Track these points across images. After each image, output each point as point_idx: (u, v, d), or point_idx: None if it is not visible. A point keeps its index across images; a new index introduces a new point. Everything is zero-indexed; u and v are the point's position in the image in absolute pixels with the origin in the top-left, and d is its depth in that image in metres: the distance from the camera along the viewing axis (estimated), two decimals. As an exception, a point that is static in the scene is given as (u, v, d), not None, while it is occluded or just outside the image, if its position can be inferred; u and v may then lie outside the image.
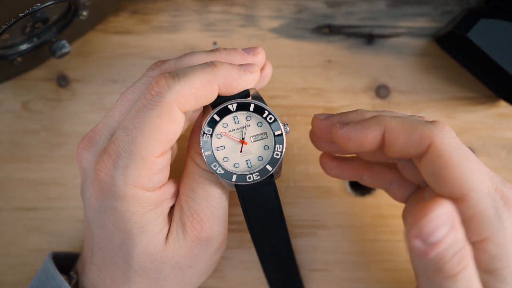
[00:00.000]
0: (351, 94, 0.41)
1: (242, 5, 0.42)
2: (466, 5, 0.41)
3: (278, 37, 0.42)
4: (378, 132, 0.30)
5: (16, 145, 0.41)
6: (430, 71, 0.42)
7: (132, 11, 0.42)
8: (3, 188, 0.41)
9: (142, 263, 0.31)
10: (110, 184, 0.30)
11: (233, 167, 0.31)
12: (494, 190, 0.28)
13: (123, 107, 0.32)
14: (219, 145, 0.31)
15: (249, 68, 0.31)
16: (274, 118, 0.31)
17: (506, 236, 0.28)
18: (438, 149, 0.28)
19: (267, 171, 0.31)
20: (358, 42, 0.42)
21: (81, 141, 0.32)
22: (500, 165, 0.41)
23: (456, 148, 0.28)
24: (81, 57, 0.42)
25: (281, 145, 0.31)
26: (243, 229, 0.41)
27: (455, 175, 0.28)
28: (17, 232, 0.41)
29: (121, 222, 0.30)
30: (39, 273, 0.34)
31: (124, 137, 0.29)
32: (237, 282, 0.41)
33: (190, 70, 0.30)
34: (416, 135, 0.29)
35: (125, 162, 0.29)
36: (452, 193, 0.28)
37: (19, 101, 0.42)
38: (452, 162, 0.28)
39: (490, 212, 0.28)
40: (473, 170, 0.28)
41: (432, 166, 0.29)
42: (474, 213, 0.28)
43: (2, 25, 0.32)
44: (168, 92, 0.29)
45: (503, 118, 0.41)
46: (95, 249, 0.32)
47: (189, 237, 0.32)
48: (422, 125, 0.29)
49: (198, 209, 0.32)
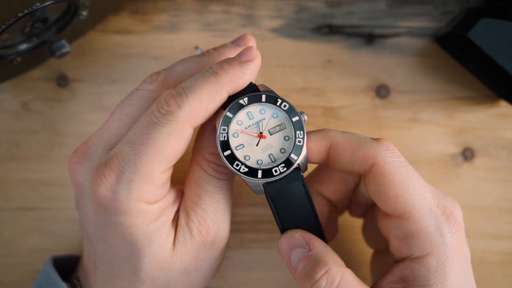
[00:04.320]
0: (351, 94, 0.41)
1: (242, 5, 0.42)
2: (467, 5, 0.41)
3: (278, 37, 0.42)
4: (323, 146, 0.31)
5: (16, 145, 0.41)
6: (430, 71, 0.41)
7: (132, 11, 0.42)
8: (3, 188, 0.41)
9: (151, 272, 0.31)
10: (111, 199, 0.29)
11: (256, 164, 0.30)
12: (436, 206, 0.29)
13: (121, 121, 0.31)
14: (237, 144, 0.30)
15: (248, 56, 0.30)
16: (289, 105, 0.30)
17: (447, 252, 0.29)
18: (381, 168, 0.29)
19: (293, 161, 0.30)
20: (358, 42, 0.42)
21: (73, 155, 0.32)
22: (501, 165, 0.41)
23: (399, 167, 0.29)
24: (81, 57, 0.42)
25: (301, 131, 0.30)
26: (243, 229, 0.41)
27: (397, 194, 0.29)
28: (17, 232, 0.41)
29: (126, 235, 0.30)
30: (39, 278, 0.34)
31: (129, 152, 0.29)
32: (237, 282, 0.41)
33: (195, 84, 0.29)
34: (361, 153, 0.30)
35: (129, 177, 0.29)
36: (394, 210, 0.29)
37: (19, 101, 0.42)
38: (394, 181, 0.29)
39: (432, 229, 0.29)
40: (414, 189, 0.29)
41: (375, 185, 0.30)
42: (416, 230, 0.29)
43: (1, 25, 0.32)
44: (179, 111, 0.28)
45: (504, 118, 0.41)
46: (98, 262, 0.32)
47: (196, 242, 0.32)
48: (367, 144, 0.30)
49: (204, 215, 0.31)
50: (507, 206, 0.41)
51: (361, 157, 0.30)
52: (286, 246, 0.31)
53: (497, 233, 0.41)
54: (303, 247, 0.31)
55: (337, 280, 0.29)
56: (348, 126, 0.41)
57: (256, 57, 0.30)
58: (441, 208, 0.29)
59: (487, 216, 0.41)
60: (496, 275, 0.41)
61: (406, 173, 0.29)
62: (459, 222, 0.30)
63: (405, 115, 0.41)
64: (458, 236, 0.29)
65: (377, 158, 0.29)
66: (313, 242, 0.31)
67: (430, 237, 0.29)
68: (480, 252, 0.41)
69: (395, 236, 0.30)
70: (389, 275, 0.31)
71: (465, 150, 0.41)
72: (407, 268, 0.30)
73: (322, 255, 0.30)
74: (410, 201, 0.29)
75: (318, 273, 0.29)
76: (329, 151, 0.31)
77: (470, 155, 0.41)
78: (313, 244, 0.30)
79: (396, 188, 0.29)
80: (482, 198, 0.41)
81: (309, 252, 0.30)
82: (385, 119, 0.41)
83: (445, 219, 0.29)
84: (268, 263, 0.40)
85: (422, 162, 0.41)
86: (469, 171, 0.41)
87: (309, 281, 0.29)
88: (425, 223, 0.29)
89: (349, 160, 0.30)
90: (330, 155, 0.31)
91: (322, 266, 0.29)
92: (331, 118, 0.41)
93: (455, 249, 0.29)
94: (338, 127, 0.41)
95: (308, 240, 0.31)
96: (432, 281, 0.29)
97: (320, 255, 0.30)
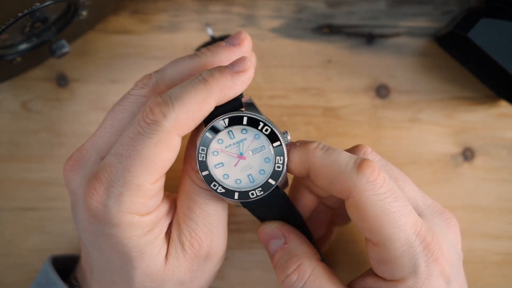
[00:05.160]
0: (351, 94, 0.41)
1: (242, 5, 0.42)
2: (467, 5, 0.41)
3: (278, 37, 0.42)
4: (302, 169, 0.30)
5: (16, 145, 0.41)
6: (430, 71, 0.41)
7: (132, 11, 0.42)
8: (3, 188, 0.41)
9: (143, 283, 0.31)
10: (103, 212, 0.29)
11: (234, 184, 0.30)
12: (415, 236, 0.29)
13: (112, 128, 0.31)
14: (217, 162, 0.30)
15: (241, 67, 0.29)
16: (271, 128, 0.29)
17: (418, 281, 0.29)
18: (356, 202, 0.29)
19: (270, 186, 0.30)
20: (358, 42, 0.42)
21: (67, 162, 0.31)
22: (501, 165, 0.41)
23: (376, 201, 0.28)
24: (80, 57, 0.42)
25: (282, 156, 0.29)
26: (243, 229, 0.41)
27: (371, 227, 0.29)
28: (17, 232, 0.41)
29: (119, 247, 0.30)
30: (39, 277, 0.34)
31: (118, 165, 0.28)
32: (237, 282, 0.41)
33: (183, 92, 0.28)
34: (337, 184, 0.29)
35: (118, 190, 0.28)
36: (370, 238, 0.29)
37: (19, 101, 0.42)
38: (368, 215, 0.29)
39: (404, 260, 0.29)
40: (389, 223, 0.28)
41: (350, 214, 0.30)
42: (389, 259, 0.29)
43: (1, 25, 0.32)
44: (165, 121, 0.27)
45: (504, 118, 0.41)
46: (94, 268, 0.32)
47: (188, 255, 0.31)
48: (345, 175, 0.29)
49: (195, 228, 0.31)
50: (507, 206, 0.41)
51: (337, 189, 0.29)
52: (264, 237, 0.32)
53: (497, 233, 0.41)
54: (279, 238, 0.32)
55: (307, 275, 0.30)
56: (348, 126, 0.41)
57: (249, 69, 0.29)
58: (421, 237, 0.29)
59: (487, 216, 0.41)
60: (496, 275, 0.41)
61: (382, 207, 0.28)
62: (439, 250, 0.29)
63: (405, 115, 0.41)
64: (437, 263, 0.29)
65: (353, 192, 0.28)
66: (289, 235, 0.32)
67: (401, 267, 0.29)
68: (480, 252, 0.41)
69: (371, 258, 0.30)
70: (362, 281, 0.31)
71: (465, 150, 0.41)
72: (377, 283, 0.30)
73: (296, 249, 0.31)
74: (384, 234, 0.28)
75: (291, 267, 0.30)
76: (309, 173, 0.30)
77: (470, 155, 0.41)
78: (289, 237, 0.32)
79: (370, 222, 0.29)
80: (482, 198, 0.41)
81: (285, 244, 0.31)
82: (385, 119, 0.41)
83: (423, 248, 0.29)
84: (268, 263, 0.40)
85: (422, 162, 0.41)
86: (469, 171, 0.41)
87: (283, 273, 0.31)
88: (398, 254, 0.29)
89: (326, 188, 0.30)
90: (310, 176, 0.30)
91: (295, 261, 0.30)
92: (331, 118, 0.41)
93: (431, 275, 0.29)
94: (338, 127, 0.41)
95: (285, 233, 0.32)
96: None
97: (294, 249, 0.31)
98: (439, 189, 0.40)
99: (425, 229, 0.29)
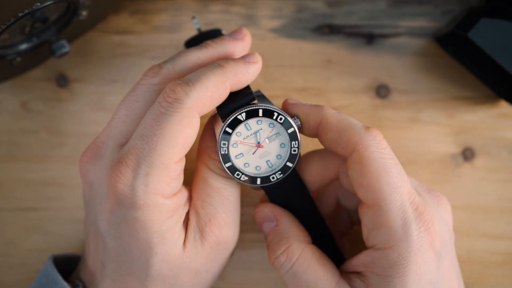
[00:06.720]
0: (351, 94, 0.41)
1: (242, 5, 0.42)
2: (467, 5, 0.41)
3: (278, 37, 0.42)
4: (313, 121, 0.31)
5: (16, 145, 0.41)
6: (430, 71, 0.41)
7: (132, 11, 0.42)
8: (3, 188, 0.41)
9: (161, 271, 0.31)
10: (129, 195, 0.30)
11: (255, 170, 0.32)
12: (410, 203, 0.30)
13: (128, 117, 0.32)
14: (237, 153, 0.32)
15: (252, 59, 0.32)
16: (284, 117, 0.31)
17: (409, 249, 0.29)
18: (360, 156, 0.30)
19: (288, 168, 0.32)
20: (358, 42, 0.42)
21: (83, 155, 0.32)
22: (501, 165, 0.41)
23: (379, 158, 0.30)
24: (80, 57, 0.42)
25: (296, 141, 0.32)
26: (243, 229, 0.41)
27: (369, 184, 0.30)
28: (16, 232, 0.41)
29: (141, 232, 0.30)
30: (39, 277, 0.34)
31: (143, 146, 0.29)
32: (237, 282, 0.41)
33: (202, 74, 0.30)
34: (345, 136, 0.30)
35: (145, 170, 0.29)
36: (366, 199, 0.30)
37: (19, 101, 0.42)
38: (370, 170, 0.29)
39: (398, 224, 0.29)
40: (388, 182, 0.29)
41: (352, 170, 0.30)
42: (382, 222, 0.30)
43: (1, 24, 0.32)
44: (187, 98, 0.29)
45: (504, 118, 0.41)
46: (107, 261, 0.32)
47: (207, 243, 0.32)
48: (354, 129, 0.30)
49: (215, 213, 0.32)
50: (507, 206, 0.41)
51: (345, 141, 0.30)
52: (258, 219, 0.34)
53: (497, 233, 0.41)
54: (271, 221, 0.33)
55: (295, 256, 0.31)
56: (348, 126, 0.41)
57: (259, 61, 0.32)
58: (414, 205, 0.30)
59: (487, 216, 0.41)
60: (496, 275, 0.41)
61: (384, 165, 0.29)
62: (431, 221, 0.30)
63: (405, 115, 0.41)
64: (428, 233, 0.30)
65: (359, 145, 0.30)
66: (280, 218, 0.33)
67: (394, 231, 0.29)
68: (480, 252, 0.41)
69: (364, 224, 0.31)
70: (355, 259, 0.32)
71: (465, 150, 0.41)
72: (369, 255, 0.31)
73: (287, 231, 0.32)
74: (381, 193, 0.29)
75: (280, 249, 0.32)
76: (319, 126, 0.31)
77: (470, 155, 0.41)
78: (280, 219, 0.33)
79: (369, 178, 0.29)
80: (482, 198, 0.41)
81: (276, 227, 0.33)
82: (385, 119, 0.41)
83: (416, 216, 0.29)
84: (268, 263, 0.40)
85: (422, 162, 0.41)
86: (469, 171, 0.41)
87: (273, 254, 0.32)
88: (391, 217, 0.29)
89: (334, 140, 0.31)
90: (319, 130, 0.31)
91: (284, 243, 0.32)
92: (331, 118, 0.41)
93: (422, 246, 0.29)
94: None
95: (277, 215, 0.33)
96: (390, 273, 0.29)
97: (284, 231, 0.32)
98: (439, 189, 0.40)
99: (419, 199, 0.30)
